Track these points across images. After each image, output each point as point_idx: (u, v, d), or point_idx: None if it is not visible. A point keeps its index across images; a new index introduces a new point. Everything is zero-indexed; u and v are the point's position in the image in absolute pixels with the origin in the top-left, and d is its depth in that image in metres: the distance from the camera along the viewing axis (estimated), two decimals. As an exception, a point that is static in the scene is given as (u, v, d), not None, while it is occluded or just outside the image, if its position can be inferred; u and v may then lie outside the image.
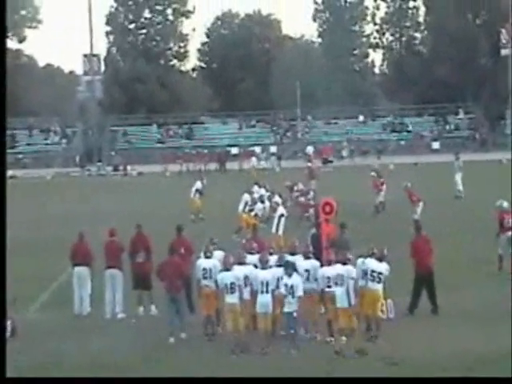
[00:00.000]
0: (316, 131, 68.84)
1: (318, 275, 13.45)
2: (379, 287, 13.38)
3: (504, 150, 59.14)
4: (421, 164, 51.67)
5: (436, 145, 64.78)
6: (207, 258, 14.04)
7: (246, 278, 13.27)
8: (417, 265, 15.02)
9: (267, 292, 13.00)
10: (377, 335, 13.33)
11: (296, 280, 13.00)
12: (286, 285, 12.95)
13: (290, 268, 13.10)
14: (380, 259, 13.59)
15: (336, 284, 13.14)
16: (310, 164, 39.51)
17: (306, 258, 13.76)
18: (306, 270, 13.54)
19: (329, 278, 13.31)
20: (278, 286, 13.09)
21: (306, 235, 17.07)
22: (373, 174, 29.66)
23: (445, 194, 32.37)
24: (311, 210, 23.95)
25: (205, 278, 13.86)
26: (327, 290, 13.29)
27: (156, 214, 28.91)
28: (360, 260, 13.69)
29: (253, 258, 13.90)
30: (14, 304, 13.81)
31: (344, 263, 13.16)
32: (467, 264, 18.90)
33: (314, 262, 13.72)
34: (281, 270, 13.24)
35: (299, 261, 13.69)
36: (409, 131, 68.27)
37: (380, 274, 13.42)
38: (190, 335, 13.82)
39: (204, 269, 13.87)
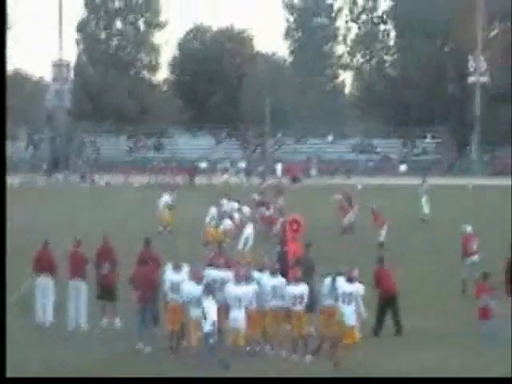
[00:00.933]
0: (285, 148, 69.13)
1: (285, 293, 13.51)
2: (349, 309, 13.22)
3: (470, 176, 60.11)
4: (388, 186, 52.14)
5: (403, 167, 65.48)
6: (176, 271, 14.00)
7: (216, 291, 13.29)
8: (380, 292, 15.19)
9: (240, 308, 13.04)
10: (344, 356, 13.13)
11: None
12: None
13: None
14: (350, 280, 13.55)
15: (300, 303, 13.31)
16: (275, 181, 39.67)
17: (273, 274, 13.81)
18: (273, 288, 13.60)
19: (295, 296, 13.40)
20: (251, 303, 13.21)
21: (273, 251, 17.13)
22: (338, 196, 29.44)
23: (411, 216, 32.69)
24: (277, 226, 24.00)
25: (172, 291, 13.84)
26: (293, 308, 13.37)
27: (123, 225, 28.73)
28: (328, 279, 13.71)
29: (219, 274, 13.92)
30: None
31: (351, 281, 13.20)
32: (431, 286, 19.09)
33: (281, 280, 13.77)
34: (251, 287, 13.31)
35: (266, 278, 13.74)
36: (377, 153, 68.95)
37: (350, 294, 13.36)
38: (155, 348, 13.75)
39: (172, 282, 13.83)
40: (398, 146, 69.92)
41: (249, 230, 21.31)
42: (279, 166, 57.88)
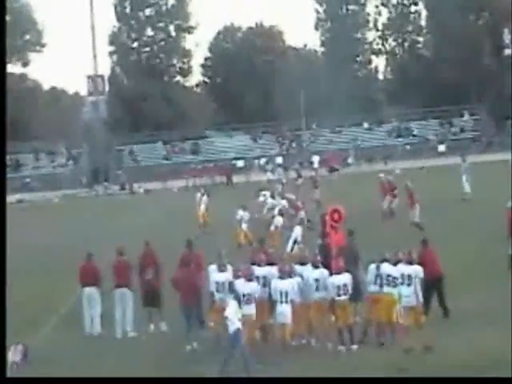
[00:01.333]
0: (321, 140, 68.87)
1: (328, 284, 13.49)
2: (395, 292, 13.40)
3: (510, 151, 58.93)
4: (427, 168, 51.55)
5: (442, 148, 64.63)
6: (221, 271, 14.02)
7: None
8: (425, 273, 14.98)
9: (286, 302, 13.04)
10: (392, 342, 13.34)
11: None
12: None
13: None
14: (395, 263, 13.58)
15: (344, 293, 13.30)
16: (313, 173, 39.68)
17: (315, 267, 13.71)
18: (316, 280, 13.57)
19: (339, 286, 13.39)
20: (295, 296, 13.25)
21: (313, 243, 17.07)
22: (383, 178, 29.22)
23: (452, 196, 32.27)
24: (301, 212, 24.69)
25: (218, 291, 13.89)
26: (337, 298, 13.33)
27: (164, 230, 28.94)
28: (373, 266, 13.74)
29: (262, 270, 13.93)
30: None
31: (410, 263, 13.30)
32: (477, 266, 18.81)
33: (324, 271, 13.71)
34: (296, 280, 13.34)
35: (308, 270, 13.69)
36: (414, 135, 68.21)
37: (395, 278, 13.42)
38: (202, 349, 13.84)
39: (217, 282, 13.88)
40: (435, 126, 69.02)
41: (297, 231, 21.16)
42: (316, 158, 57.58)
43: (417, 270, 13.36)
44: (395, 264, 13.52)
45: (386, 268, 13.49)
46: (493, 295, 15.94)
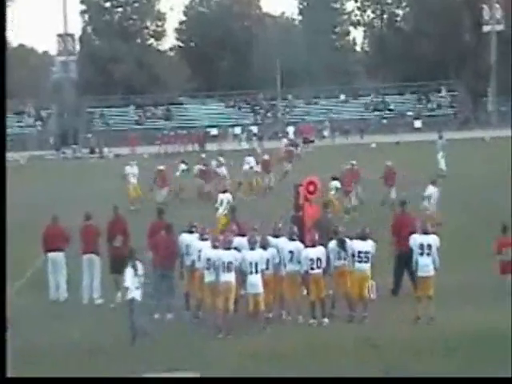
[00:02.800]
0: (297, 111, 68.67)
1: (302, 257, 13.48)
2: (367, 267, 13.46)
3: (486, 128, 59.43)
4: (403, 143, 51.69)
5: (418, 123, 64.91)
6: (203, 240, 13.87)
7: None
8: (397, 243, 14.91)
9: (256, 272, 13.02)
10: (365, 316, 13.39)
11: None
12: None
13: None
14: (363, 238, 13.62)
15: (318, 266, 13.28)
16: (289, 147, 39.45)
17: (291, 239, 13.69)
18: (290, 252, 13.54)
19: (312, 259, 13.38)
20: (267, 267, 13.20)
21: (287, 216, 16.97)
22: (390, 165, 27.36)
23: (427, 172, 32.30)
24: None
25: (190, 256, 13.86)
26: (310, 271, 13.33)
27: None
28: (333, 243, 13.70)
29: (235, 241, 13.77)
30: None
31: (427, 233, 13.43)
32: (452, 242, 18.87)
33: (298, 244, 13.67)
34: (268, 252, 13.31)
35: (283, 242, 13.68)
36: (391, 110, 68.34)
37: (366, 253, 13.46)
38: (172, 318, 13.83)
39: (199, 250, 13.73)
40: (411, 101, 69.19)
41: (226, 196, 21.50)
42: (291, 129, 57.47)
43: (435, 239, 13.46)
44: (363, 239, 13.50)
45: (358, 244, 13.50)
46: (470, 271, 15.99)
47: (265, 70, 69.02)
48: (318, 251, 13.42)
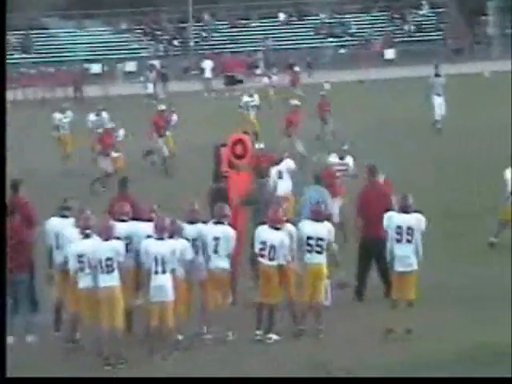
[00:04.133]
0: (217, 37, 68.56)
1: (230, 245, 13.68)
2: (320, 260, 13.57)
3: (485, 60, 60.44)
4: (369, 81, 52.12)
5: (390, 53, 65.66)
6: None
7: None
8: (364, 226, 15.06)
9: (164, 272, 13.06)
10: (319, 330, 13.57)
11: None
12: None
13: None
14: (318, 219, 13.69)
15: (271, 257, 13.51)
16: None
17: (218, 222, 13.86)
18: (216, 239, 13.70)
19: (263, 244, 13.57)
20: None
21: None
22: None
23: (414, 123, 32.77)
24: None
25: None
26: (261, 259, 13.56)
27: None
28: (260, 229, 13.79)
29: (123, 226, 13.66)
30: None
31: (406, 212, 13.58)
32: (446, 220, 19.18)
33: (227, 229, 13.82)
34: (179, 243, 13.36)
35: (205, 228, 13.82)
36: (352, 35, 68.85)
37: (320, 239, 13.54)
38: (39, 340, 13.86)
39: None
40: (381, 22, 69.89)
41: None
42: (209, 64, 57.22)
43: (419, 220, 13.58)
44: (318, 220, 13.70)
45: (306, 228, 13.70)
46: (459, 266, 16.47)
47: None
48: (275, 236, 13.57)
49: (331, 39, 68.57)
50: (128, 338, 13.12)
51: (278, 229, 13.59)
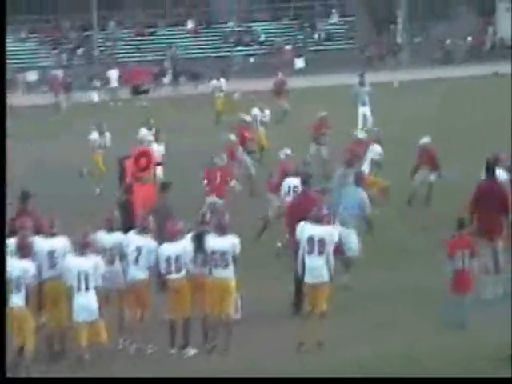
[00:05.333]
0: (122, 46, 68.10)
1: (152, 256, 13.79)
2: (227, 274, 13.61)
3: (396, 68, 61.31)
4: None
5: (300, 62, 65.88)
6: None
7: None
8: (292, 235, 14.94)
9: (87, 289, 12.93)
10: (227, 348, 13.59)
11: None
12: None
13: None
14: (222, 232, 13.75)
15: (178, 269, 13.63)
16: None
17: (142, 231, 14.04)
18: (138, 249, 13.75)
19: (169, 259, 13.67)
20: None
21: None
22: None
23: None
24: None
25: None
26: (168, 277, 13.64)
27: None
28: (190, 235, 13.97)
29: (46, 243, 13.68)
30: None
31: (319, 223, 13.78)
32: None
33: (150, 241, 13.94)
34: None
35: (130, 237, 13.98)
36: (262, 43, 69.00)
37: (224, 254, 13.57)
38: None
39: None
40: (291, 31, 70.16)
41: None
42: (114, 74, 56.90)
43: (331, 233, 13.83)
44: (222, 233, 13.76)
45: (211, 242, 13.78)
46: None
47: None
48: (179, 247, 13.68)
49: (240, 47, 68.63)
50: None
51: (176, 240, 13.68)
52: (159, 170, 21.75)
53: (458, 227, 14.47)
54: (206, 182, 20.58)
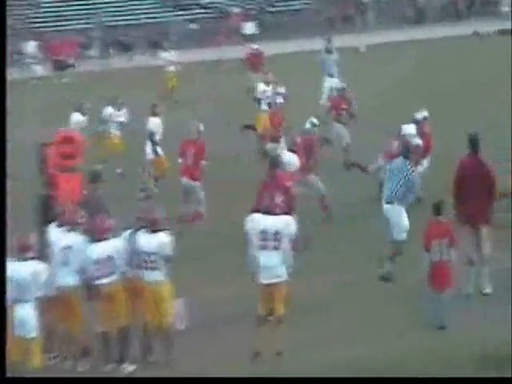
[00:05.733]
0: (43, 14, 67.64)
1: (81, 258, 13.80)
2: (157, 277, 13.69)
3: (361, 31, 61.58)
4: (227, 61, 52.18)
5: (250, 27, 65.76)
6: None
7: None
8: None
9: (26, 301, 12.93)
10: (168, 360, 13.67)
11: None
12: None
13: None
14: (155, 230, 13.79)
15: (110, 272, 13.70)
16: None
17: (72, 229, 14.14)
18: (67, 248, 13.82)
19: (98, 261, 13.70)
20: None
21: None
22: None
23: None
24: None
25: None
26: (98, 281, 13.67)
27: None
28: (126, 234, 14.04)
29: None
30: None
31: (275, 214, 13.82)
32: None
33: (79, 238, 14.01)
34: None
35: (56, 235, 14.04)
36: (205, 7, 68.94)
37: (152, 254, 13.61)
38: None
39: None
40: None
41: None
42: (32, 45, 56.61)
43: (288, 223, 13.76)
44: (154, 231, 13.83)
45: (141, 241, 13.87)
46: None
47: None
48: (109, 247, 13.72)
49: (180, 12, 68.46)
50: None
51: (104, 240, 13.74)
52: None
53: (435, 212, 14.50)
54: (179, 158, 20.35)
